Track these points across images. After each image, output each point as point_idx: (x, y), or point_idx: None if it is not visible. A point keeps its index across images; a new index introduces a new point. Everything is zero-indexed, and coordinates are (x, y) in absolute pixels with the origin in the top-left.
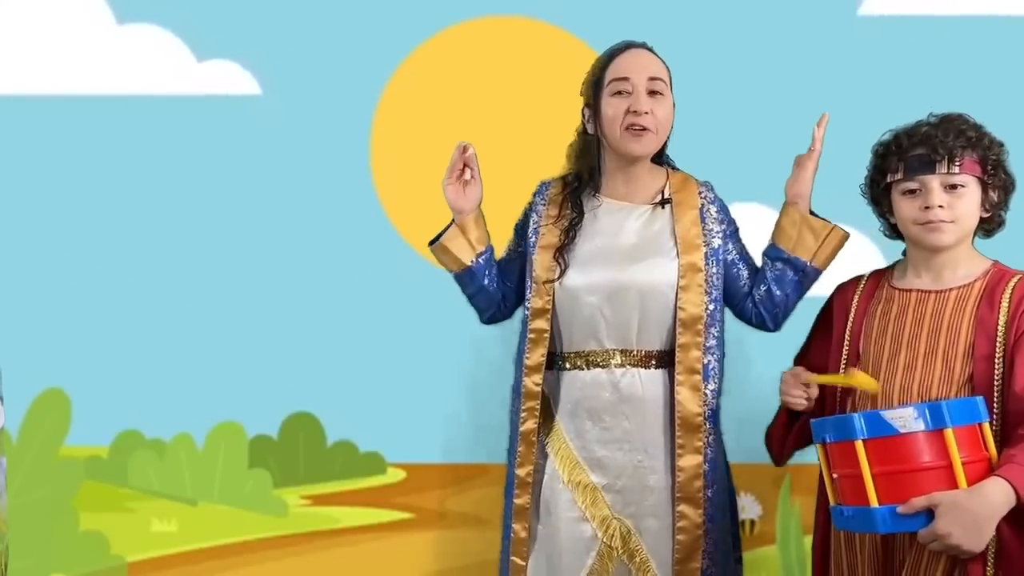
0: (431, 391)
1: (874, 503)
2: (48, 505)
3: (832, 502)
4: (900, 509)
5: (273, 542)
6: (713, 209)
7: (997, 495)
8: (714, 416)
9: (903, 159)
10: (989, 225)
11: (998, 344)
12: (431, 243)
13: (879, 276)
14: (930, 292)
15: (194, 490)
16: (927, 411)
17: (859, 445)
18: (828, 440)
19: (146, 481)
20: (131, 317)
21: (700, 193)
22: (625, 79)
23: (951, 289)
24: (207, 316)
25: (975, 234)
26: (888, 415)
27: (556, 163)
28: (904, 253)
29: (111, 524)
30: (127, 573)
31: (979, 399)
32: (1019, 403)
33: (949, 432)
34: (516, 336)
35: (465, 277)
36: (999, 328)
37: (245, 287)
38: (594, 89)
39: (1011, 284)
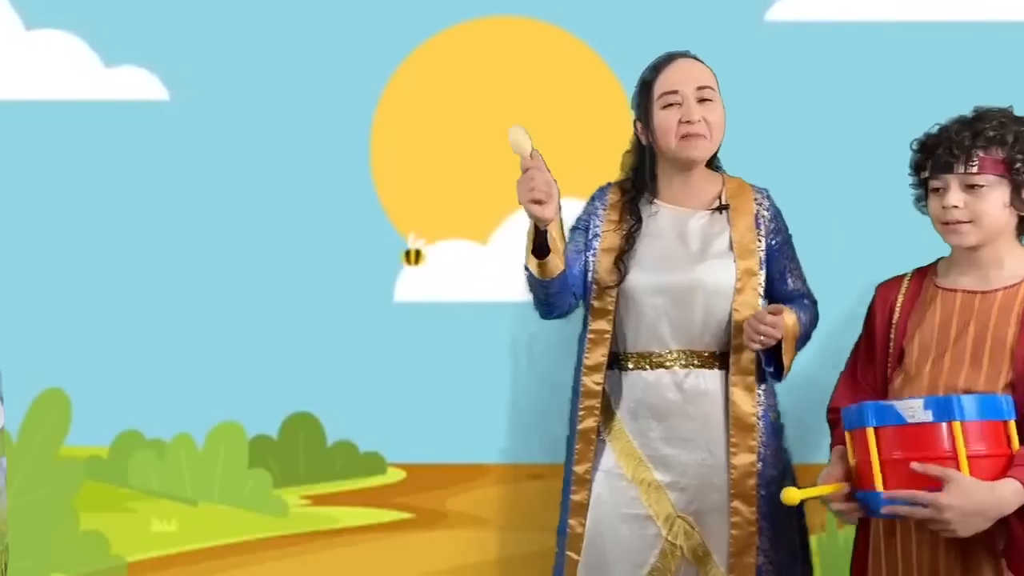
0: (431, 391)
1: (879, 488)
2: (48, 505)
3: (856, 487)
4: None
5: (273, 542)
6: (767, 216)
7: (1008, 495)
8: (767, 416)
9: (929, 157)
10: None
11: None
12: (539, 258)
13: (922, 275)
14: (976, 292)
15: (194, 490)
16: (936, 403)
17: (870, 432)
18: (848, 428)
19: (146, 481)
20: (131, 317)
21: (756, 200)
22: (674, 92)
23: (997, 290)
24: (207, 316)
25: (1021, 231)
26: (899, 405)
27: (556, 163)
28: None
29: (111, 524)
30: (127, 573)
31: (1003, 397)
32: None
33: (956, 425)
34: (515, 336)
35: (557, 281)
36: None
37: (245, 287)
38: (644, 103)
39: None
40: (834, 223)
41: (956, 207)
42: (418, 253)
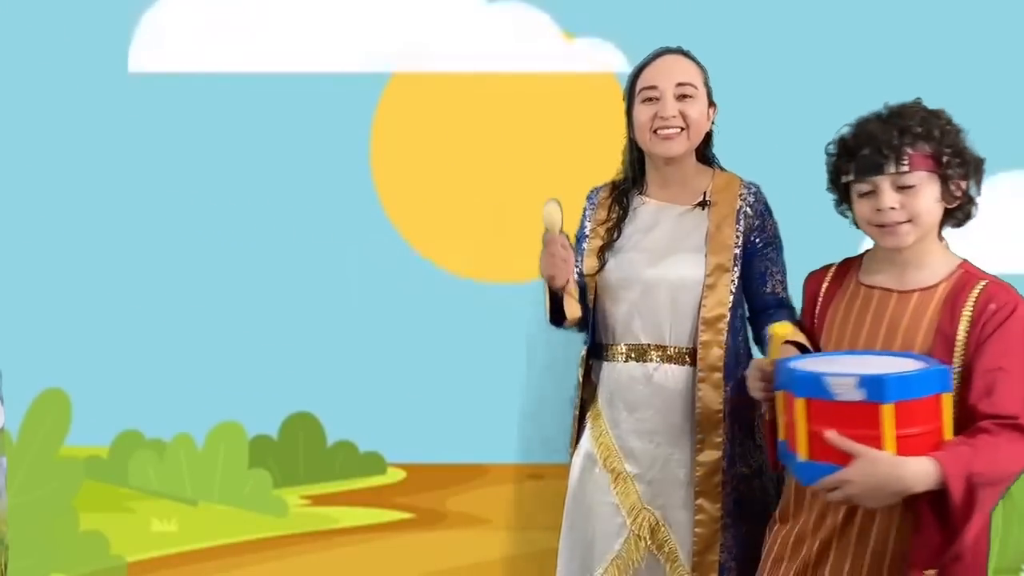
0: (431, 391)
1: (803, 456)
2: (48, 505)
3: (780, 437)
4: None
5: (273, 542)
6: (750, 212)
7: (914, 469)
8: (735, 413)
9: (853, 159)
10: (958, 215)
11: (956, 355)
12: (555, 323)
13: (847, 267)
14: (892, 292)
15: (194, 490)
16: (870, 382)
17: (800, 402)
18: (777, 387)
19: (146, 481)
20: (131, 317)
21: (741, 195)
22: (653, 87)
23: (914, 291)
24: (207, 316)
25: (944, 226)
26: (831, 381)
27: (555, 162)
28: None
29: (111, 524)
30: (127, 573)
31: (939, 370)
32: (968, 412)
33: (889, 407)
34: (513, 335)
35: (580, 323)
36: (958, 340)
37: (245, 287)
38: (628, 97)
39: (974, 292)
40: None
41: (894, 208)
42: None
